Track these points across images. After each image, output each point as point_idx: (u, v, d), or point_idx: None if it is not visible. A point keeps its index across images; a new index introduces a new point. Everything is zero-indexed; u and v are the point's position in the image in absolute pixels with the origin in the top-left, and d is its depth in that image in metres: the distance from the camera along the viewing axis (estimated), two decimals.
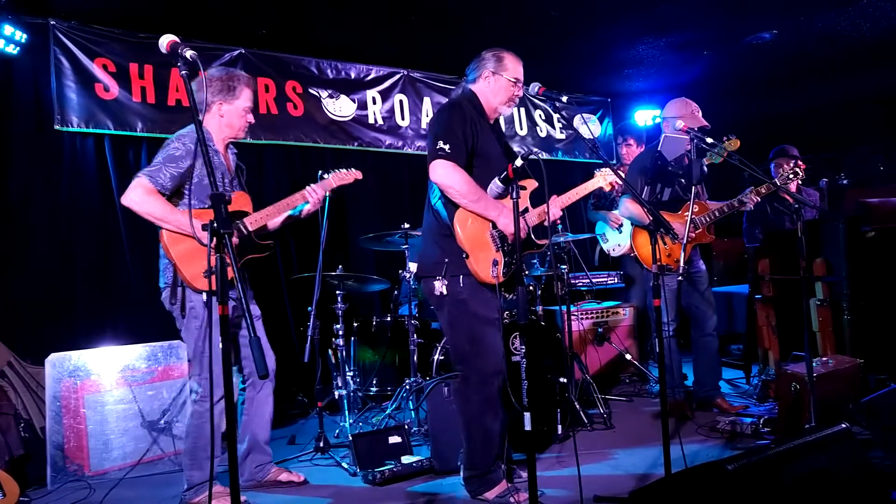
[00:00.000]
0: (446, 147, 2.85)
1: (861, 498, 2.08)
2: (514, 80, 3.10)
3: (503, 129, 3.49)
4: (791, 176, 4.04)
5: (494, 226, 2.94)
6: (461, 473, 3.07)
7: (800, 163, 4.51)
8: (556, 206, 3.11)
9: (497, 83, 3.10)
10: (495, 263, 2.89)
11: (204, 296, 3.01)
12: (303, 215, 3.49)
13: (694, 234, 4.10)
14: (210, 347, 2.80)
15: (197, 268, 2.98)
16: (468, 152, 2.93)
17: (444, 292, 2.92)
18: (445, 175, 2.85)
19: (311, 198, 3.37)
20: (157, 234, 3.02)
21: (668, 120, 4.26)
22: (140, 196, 2.94)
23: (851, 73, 6.83)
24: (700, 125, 4.08)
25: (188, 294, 3.04)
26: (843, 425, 2.19)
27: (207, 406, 3.04)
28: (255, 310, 3.38)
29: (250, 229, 3.18)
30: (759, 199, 4.21)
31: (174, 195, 3.06)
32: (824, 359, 3.74)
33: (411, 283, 4.35)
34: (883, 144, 7.74)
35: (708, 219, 4.15)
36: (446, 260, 2.92)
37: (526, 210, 3.01)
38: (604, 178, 3.28)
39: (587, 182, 3.28)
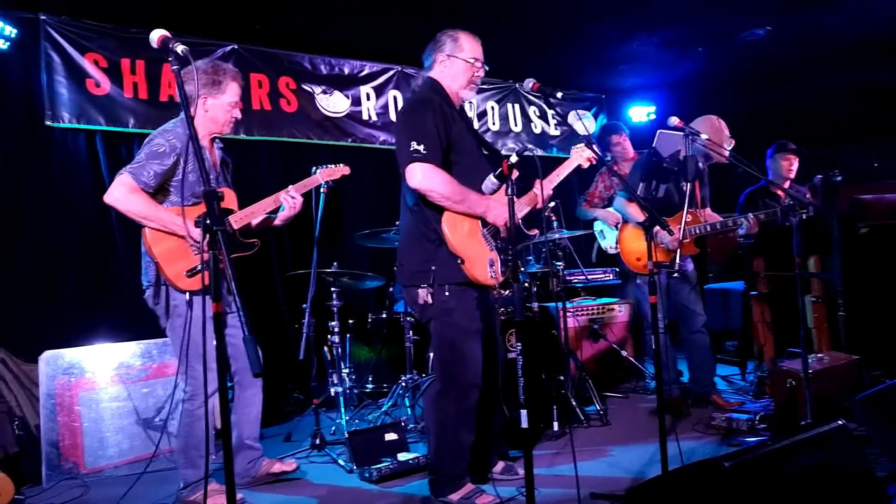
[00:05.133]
0: (420, 148, 2.68)
1: (858, 494, 2.08)
2: (471, 59, 2.91)
3: (475, 120, 3.41)
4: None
5: (484, 223, 2.85)
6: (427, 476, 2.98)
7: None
8: (542, 190, 2.96)
9: (454, 66, 2.92)
10: (492, 263, 2.81)
11: (187, 294, 2.96)
12: (280, 222, 3.33)
13: (683, 241, 4.04)
14: (203, 345, 2.76)
15: (179, 267, 2.94)
16: (444, 148, 2.78)
17: (430, 301, 2.80)
18: (424, 179, 2.69)
19: (285, 202, 3.27)
20: (140, 233, 2.97)
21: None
22: (123, 194, 2.89)
23: (845, 69, 6.84)
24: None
25: (171, 293, 3.00)
26: (840, 422, 2.18)
27: (197, 405, 3.02)
28: (233, 306, 3.24)
29: (235, 227, 3.14)
30: (758, 229, 4.04)
31: (158, 192, 3.00)
32: (819, 355, 3.74)
33: None
34: (877, 141, 7.77)
35: (696, 231, 4.08)
36: (432, 268, 2.78)
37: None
38: (580, 155, 3.19)
39: (565, 162, 3.21)
